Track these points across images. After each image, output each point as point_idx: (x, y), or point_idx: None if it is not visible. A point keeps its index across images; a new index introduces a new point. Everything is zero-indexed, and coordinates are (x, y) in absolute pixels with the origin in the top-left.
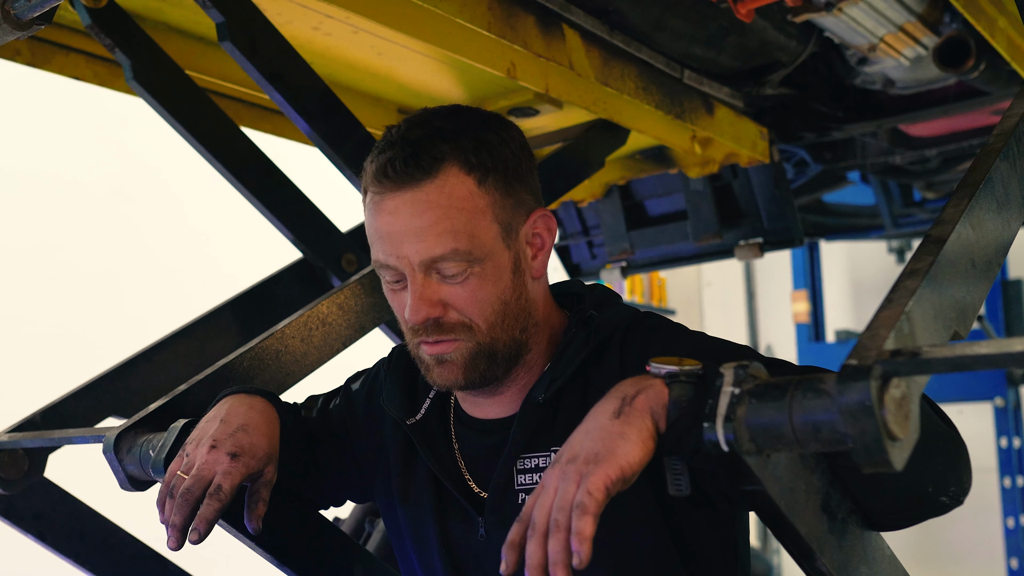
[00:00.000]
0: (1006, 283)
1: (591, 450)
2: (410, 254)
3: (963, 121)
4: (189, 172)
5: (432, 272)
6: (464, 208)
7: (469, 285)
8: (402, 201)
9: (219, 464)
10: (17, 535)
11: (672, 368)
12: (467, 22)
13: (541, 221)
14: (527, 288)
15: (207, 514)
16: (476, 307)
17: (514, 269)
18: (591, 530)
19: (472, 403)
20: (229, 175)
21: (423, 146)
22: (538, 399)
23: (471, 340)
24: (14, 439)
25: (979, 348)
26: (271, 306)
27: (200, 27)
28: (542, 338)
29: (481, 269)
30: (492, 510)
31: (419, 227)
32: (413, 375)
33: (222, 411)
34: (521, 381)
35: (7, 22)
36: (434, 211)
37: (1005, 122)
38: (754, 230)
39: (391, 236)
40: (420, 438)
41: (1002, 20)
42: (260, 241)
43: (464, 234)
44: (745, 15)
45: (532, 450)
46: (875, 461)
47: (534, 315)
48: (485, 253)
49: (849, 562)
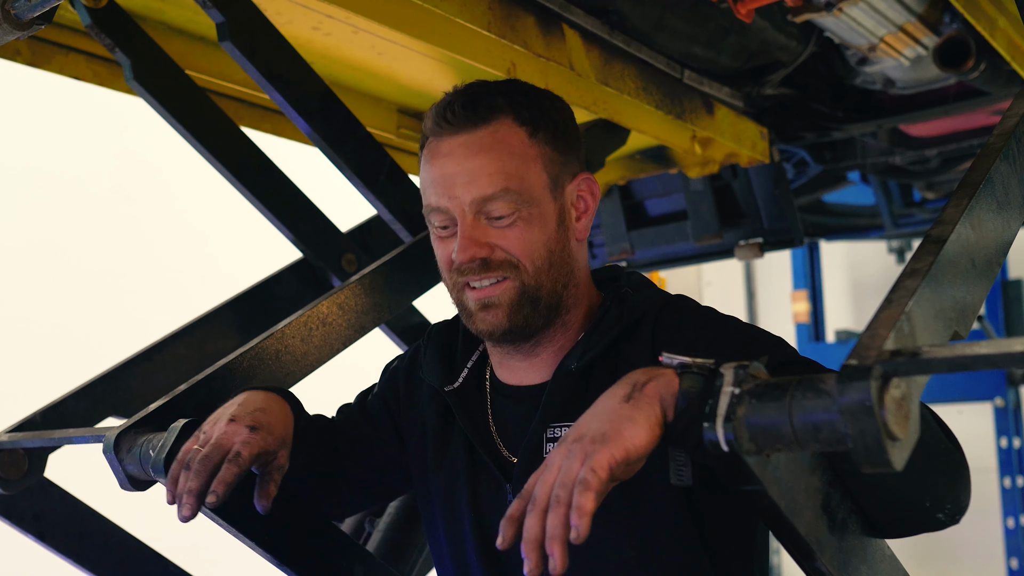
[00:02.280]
0: (1006, 283)
1: (598, 430)
2: (462, 194)
3: (963, 121)
4: (189, 172)
5: (481, 216)
6: (515, 153)
7: (517, 228)
8: (457, 144)
9: (238, 435)
10: (17, 535)
11: (684, 359)
12: (467, 22)
13: (586, 184)
14: (571, 244)
15: (226, 477)
16: (523, 248)
17: (559, 221)
18: (592, 506)
19: (508, 369)
20: (229, 175)
21: (480, 96)
22: (571, 367)
23: (517, 279)
24: (14, 439)
25: (979, 348)
26: (271, 306)
27: (200, 27)
28: (581, 303)
29: (528, 213)
30: (520, 477)
31: (472, 168)
32: (452, 348)
33: (239, 398)
34: (557, 343)
35: (7, 22)
36: (487, 153)
37: (1005, 122)
38: (754, 230)
39: (444, 178)
40: (457, 404)
41: (1002, 20)
42: (260, 241)
43: (515, 176)
44: (745, 15)
45: (563, 419)
46: (875, 461)
47: (575, 275)
48: (533, 198)
49: (849, 562)
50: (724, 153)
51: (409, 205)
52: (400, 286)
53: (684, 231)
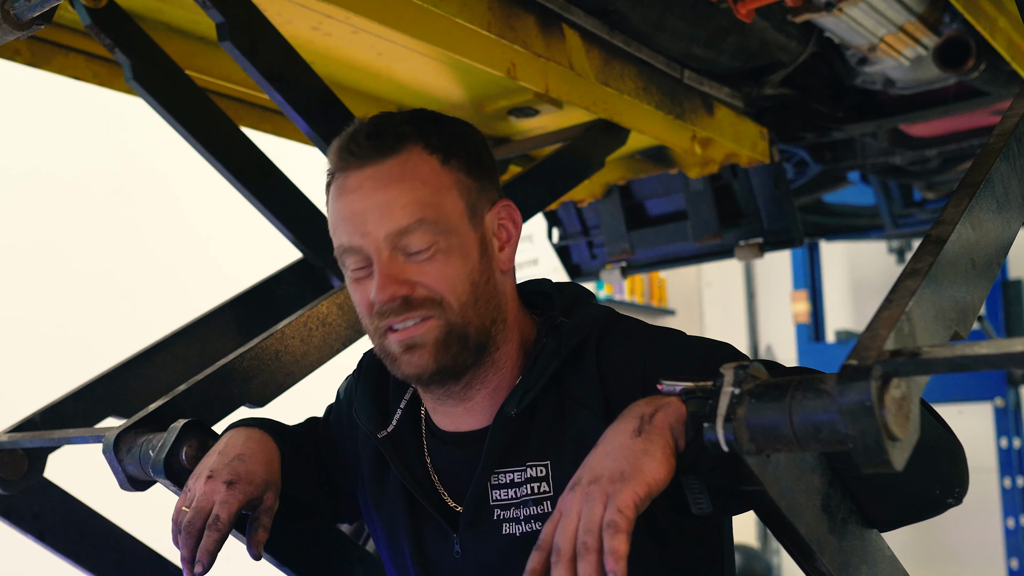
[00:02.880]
0: (1006, 283)
1: (615, 469)
2: (374, 230)
3: (963, 121)
4: (189, 172)
5: (398, 252)
6: (428, 182)
7: (436, 261)
8: (365, 177)
9: (216, 494)
10: (17, 535)
11: (688, 385)
12: (467, 22)
13: (506, 211)
14: (495, 277)
15: (208, 545)
16: (445, 282)
17: (481, 252)
18: (625, 549)
19: (443, 414)
20: (229, 175)
21: (386, 125)
22: (510, 413)
23: (441, 317)
24: (14, 439)
25: (979, 348)
26: (271, 306)
27: (200, 27)
28: (512, 339)
29: (448, 244)
30: (467, 527)
31: (383, 201)
32: (384, 384)
33: (220, 444)
34: (491, 384)
35: (7, 22)
36: (398, 184)
37: (1005, 122)
38: (754, 230)
39: (354, 215)
40: (392, 452)
41: (1002, 20)
42: (260, 241)
43: (429, 205)
44: (745, 15)
45: (506, 465)
46: (875, 462)
47: (503, 309)
48: (451, 228)
49: (849, 562)
50: (724, 153)
51: None
52: None
53: (684, 231)
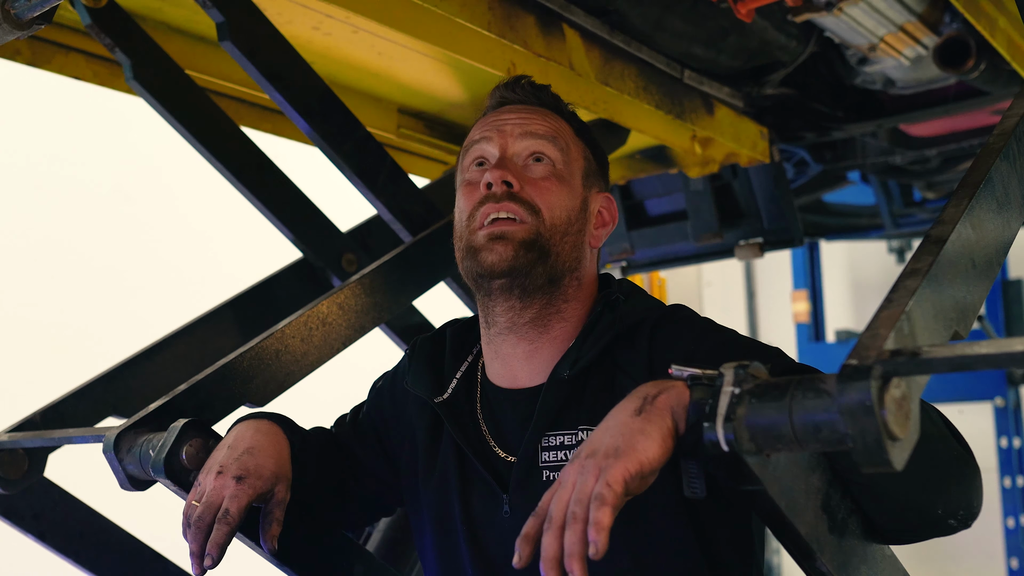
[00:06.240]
0: (1006, 283)
1: (611, 445)
2: (512, 130)
3: (963, 121)
4: (189, 172)
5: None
6: (564, 134)
7: (549, 181)
8: (518, 110)
9: (226, 488)
10: (17, 535)
11: (695, 371)
12: (467, 22)
13: (607, 202)
14: (585, 239)
15: (218, 539)
16: (549, 198)
17: (582, 208)
18: (608, 520)
19: (503, 363)
20: (229, 175)
21: (546, 88)
22: (563, 375)
23: (532, 224)
24: (14, 439)
25: (979, 348)
26: (271, 306)
27: (200, 27)
28: (582, 300)
29: (561, 176)
30: (517, 487)
31: (527, 118)
32: (439, 359)
33: (230, 438)
34: (553, 331)
35: (7, 22)
36: (544, 121)
37: (1005, 122)
38: (754, 230)
39: (498, 119)
40: (448, 413)
41: (1002, 20)
42: (260, 241)
43: (562, 138)
44: (745, 15)
45: (559, 427)
46: (875, 461)
47: (582, 267)
48: (570, 170)
49: (849, 562)
50: (724, 153)
51: (409, 205)
52: (400, 286)
53: (684, 231)
